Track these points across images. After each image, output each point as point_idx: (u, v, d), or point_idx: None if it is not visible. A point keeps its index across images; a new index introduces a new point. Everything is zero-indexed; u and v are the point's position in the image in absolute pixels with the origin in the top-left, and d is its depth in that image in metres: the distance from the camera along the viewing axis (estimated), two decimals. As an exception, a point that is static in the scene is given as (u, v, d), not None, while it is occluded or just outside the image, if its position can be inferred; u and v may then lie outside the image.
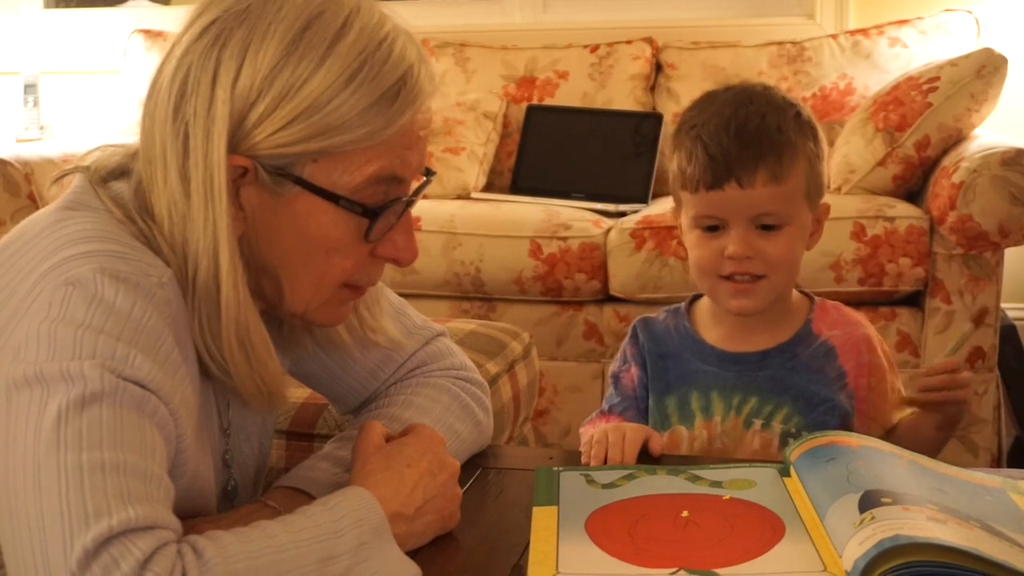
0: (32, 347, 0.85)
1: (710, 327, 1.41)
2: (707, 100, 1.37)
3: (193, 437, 0.94)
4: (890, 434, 1.36)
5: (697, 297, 1.44)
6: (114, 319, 0.86)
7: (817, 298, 1.42)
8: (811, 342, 1.37)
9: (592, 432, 1.28)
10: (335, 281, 1.00)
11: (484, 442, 1.25)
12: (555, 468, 1.17)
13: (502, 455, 1.27)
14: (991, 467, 2.37)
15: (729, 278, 1.32)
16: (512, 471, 1.21)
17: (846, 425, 1.33)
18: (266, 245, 0.98)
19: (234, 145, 0.93)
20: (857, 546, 0.87)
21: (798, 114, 1.34)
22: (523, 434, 1.92)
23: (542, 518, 1.04)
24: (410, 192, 1.02)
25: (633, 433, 1.26)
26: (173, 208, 0.94)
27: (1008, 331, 2.64)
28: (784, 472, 1.11)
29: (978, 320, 1.31)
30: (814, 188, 1.34)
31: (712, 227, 1.32)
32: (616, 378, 1.45)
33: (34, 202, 2.88)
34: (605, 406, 1.45)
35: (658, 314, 1.46)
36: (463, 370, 1.25)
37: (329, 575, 0.88)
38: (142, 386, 0.85)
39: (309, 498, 1.03)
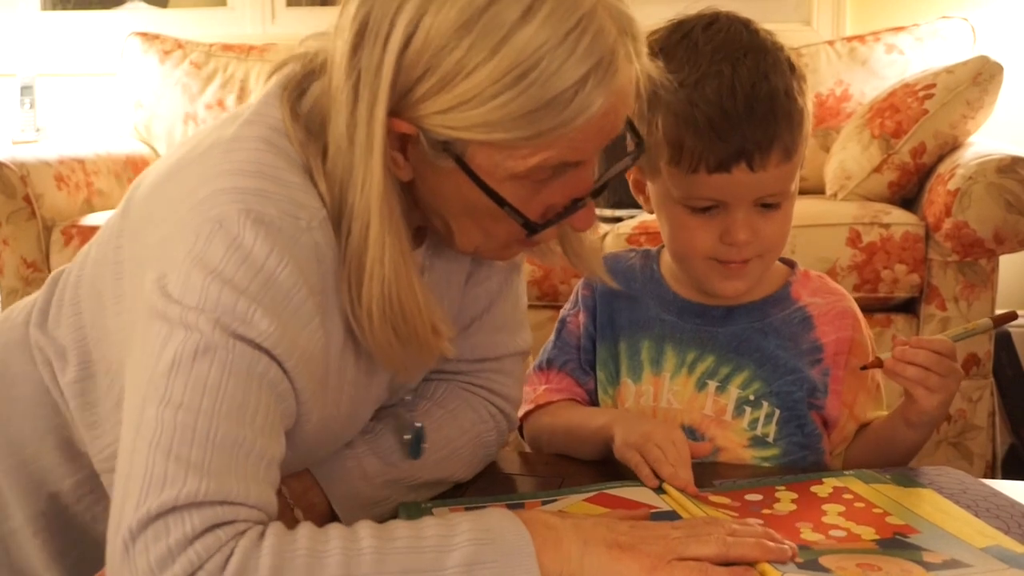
0: (171, 279, 0.86)
1: (677, 274, 1.25)
2: (686, 46, 1.13)
3: (319, 387, 0.93)
4: (861, 433, 1.22)
5: None
6: (245, 268, 0.86)
7: (800, 266, 1.27)
8: (787, 306, 1.22)
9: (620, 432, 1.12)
10: (503, 241, 0.99)
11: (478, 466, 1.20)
12: (424, 504, 1.07)
13: (500, 459, 1.27)
14: (986, 475, 2.38)
15: (720, 259, 1.16)
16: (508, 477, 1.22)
17: (814, 402, 1.19)
18: (431, 196, 0.96)
19: (399, 110, 0.89)
20: None
21: (790, 61, 1.13)
22: (519, 440, 1.92)
23: None
24: (592, 180, 0.96)
25: (681, 441, 1.10)
26: (340, 146, 0.91)
27: (1003, 338, 2.64)
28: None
29: (999, 321, 1.21)
30: (806, 146, 1.15)
31: (705, 208, 1.14)
32: (563, 323, 1.30)
33: (30, 204, 2.87)
34: (543, 359, 1.31)
35: (628, 251, 1.32)
36: (506, 401, 1.20)
37: None
38: (256, 344, 0.85)
39: (316, 483, 1.03)
